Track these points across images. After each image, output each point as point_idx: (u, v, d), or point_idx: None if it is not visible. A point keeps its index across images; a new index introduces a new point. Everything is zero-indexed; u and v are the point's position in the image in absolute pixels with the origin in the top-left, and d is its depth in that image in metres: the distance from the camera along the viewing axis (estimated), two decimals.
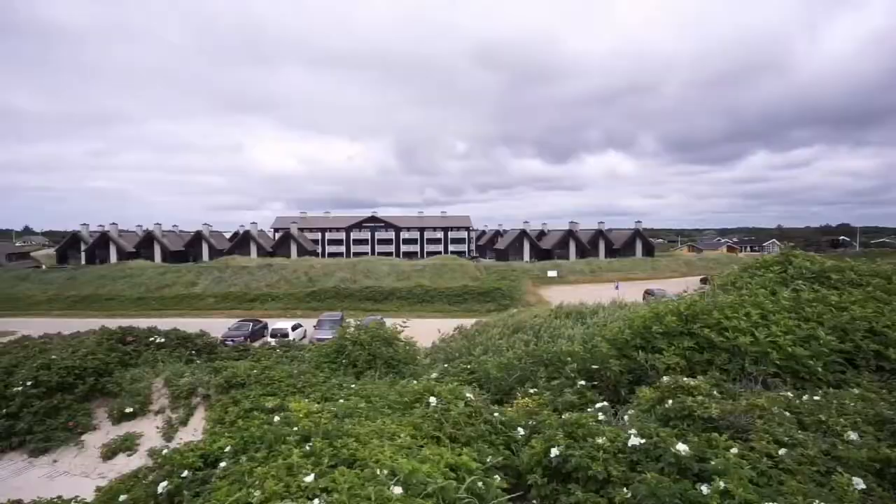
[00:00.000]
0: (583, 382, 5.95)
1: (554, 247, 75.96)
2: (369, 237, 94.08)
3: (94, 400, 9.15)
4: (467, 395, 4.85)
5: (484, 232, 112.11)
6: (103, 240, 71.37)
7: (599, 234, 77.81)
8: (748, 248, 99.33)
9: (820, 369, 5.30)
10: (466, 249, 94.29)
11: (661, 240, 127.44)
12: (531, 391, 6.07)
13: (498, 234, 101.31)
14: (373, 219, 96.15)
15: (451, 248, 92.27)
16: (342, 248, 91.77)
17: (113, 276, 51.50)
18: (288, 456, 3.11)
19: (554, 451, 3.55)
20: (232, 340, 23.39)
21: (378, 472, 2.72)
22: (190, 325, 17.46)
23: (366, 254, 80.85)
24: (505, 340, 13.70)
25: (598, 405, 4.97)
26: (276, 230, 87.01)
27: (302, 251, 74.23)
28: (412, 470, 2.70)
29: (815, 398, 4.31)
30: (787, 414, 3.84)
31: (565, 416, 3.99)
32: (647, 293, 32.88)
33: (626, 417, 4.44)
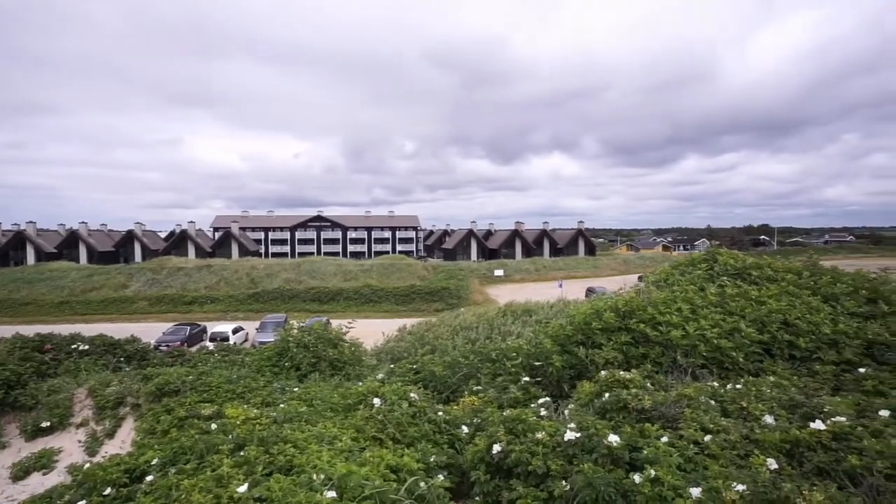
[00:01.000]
0: (526, 379, 6.07)
1: (500, 246, 77.25)
2: (315, 237, 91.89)
3: (3, 415, 8.36)
4: (412, 395, 4.82)
5: (432, 232, 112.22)
6: (18, 240, 65.47)
7: (544, 233, 79.91)
8: (681, 247, 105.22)
9: (742, 359, 5.68)
10: (414, 249, 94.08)
11: (602, 239, 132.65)
12: (476, 389, 6.13)
13: (446, 233, 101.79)
14: (319, 218, 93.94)
15: (398, 247, 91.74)
16: (286, 248, 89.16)
17: (30, 279, 47.35)
18: (219, 466, 2.95)
19: (496, 448, 3.59)
20: (167, 345, 22.13)
21: (314, 477, 2.63)
22: (120, 330, 16.35)
23: (311, 254, 78.87)
24: (451, 339, 13.77)
25: (541, 401, 5.09)
26: (215, 229, 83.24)
27: (244, 251, 71.44)
28: (348, 473, 2.63)
29: (738, 387, 4.60)
30: (713, 402, 4.08)
31: (507, 412, 4.04)
32: (589, 291, 34.08)
33: (566, 412, 4.57)
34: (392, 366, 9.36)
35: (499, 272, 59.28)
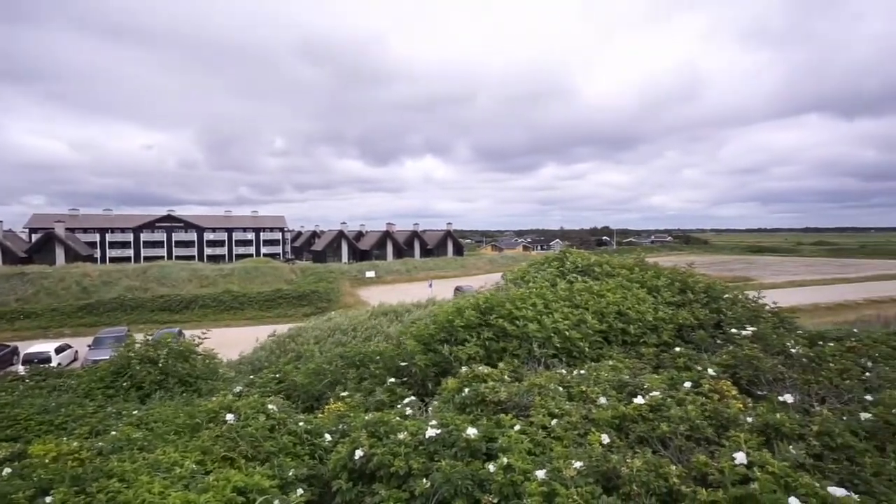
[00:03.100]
0: (392, 380, 6.08)
1: (372, 247, 76.90)
2: (165, 239, 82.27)
3: None
4: (270, 406, 4.53)
5: (300, 233, 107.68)
6: None
7: (415, 235, 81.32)
8: (539, 247, 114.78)
9: (587, 348, 6.33)
10: (281, 251, 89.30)
11: (469, 240, 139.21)
12: (343, 394, 5.98)
13: (315, 235, 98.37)
14: (169, 218, 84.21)
15: (263, 250, 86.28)
16: (130, 252, 78.56)
17: None
18: None
19: (358, 453, 3.52)
20: None
21: None
22: None
23: (161, 258, 70.53)
24: (319, 345, 13.31)
25: (406, 401, 5.13)
26: (32, 230, 70.11)
27: (72, 256, 61.08)
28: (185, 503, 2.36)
29: (582, 372, 5.11)
30: (560, 388, 4.48)
31: (369, 416, 4.00)
32: (457, 289, 35.42)
33: (430, 409, 4.66)
34: (252, 377, 8.75)
35: (370, 273, 58.86)
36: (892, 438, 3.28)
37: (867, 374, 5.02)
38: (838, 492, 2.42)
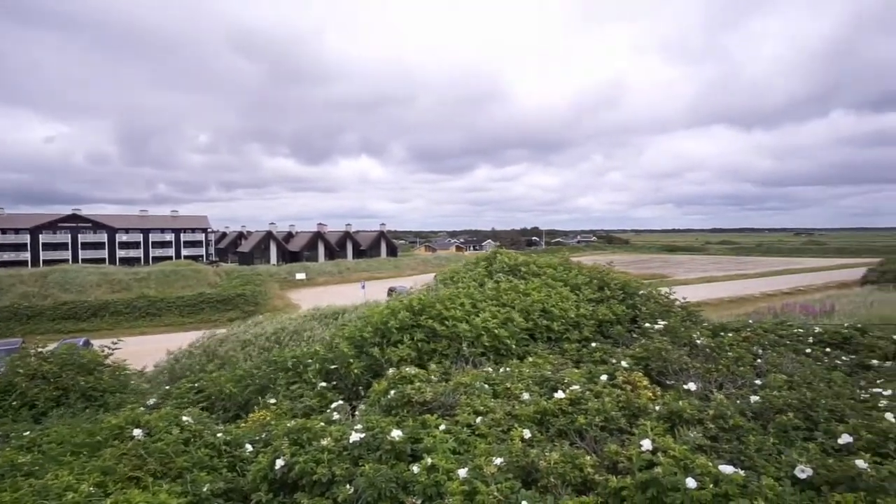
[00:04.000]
0: (324, 384, 5.94)
1: (303, 249, 74.73)
2: (69, 241, 75.13)
3: None
4: (184, 418, 4.27)
5: (225, 234, 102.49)
6: None
7: (347, 235, 79.99)
8: (472, 248, 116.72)
9: (514, 346, 6.50)
10: (204, 253, 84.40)
11: (403, 241, 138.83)
12: (270, 402, 5.76)
13: (241, 235, 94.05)
14: (74, 217, 76.97)
15: (184, 251, 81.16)
16: (26, 255, 71.00)
17: None
18: None
19: (279, 462, 3.40)
20: None
21: None
22: None
23: (65, 261, 64.37)
24: (244, 350, 12.72)
25: (334, 405, 5.03)
26: None
27: None
28: None
29: (507, 370, 5.25)
30: (486, 386, 4.57)
31: (291, 423, 3.88)
32: (391, 290, 35.22)
33: (357, 413, 4.60)
34: (168, 387, 8.20)
35: (301, 275, 57.13)
36: (774, 417, 3.66)
37: (758, 360, 5.57)
38: (728, 469, 2.65)
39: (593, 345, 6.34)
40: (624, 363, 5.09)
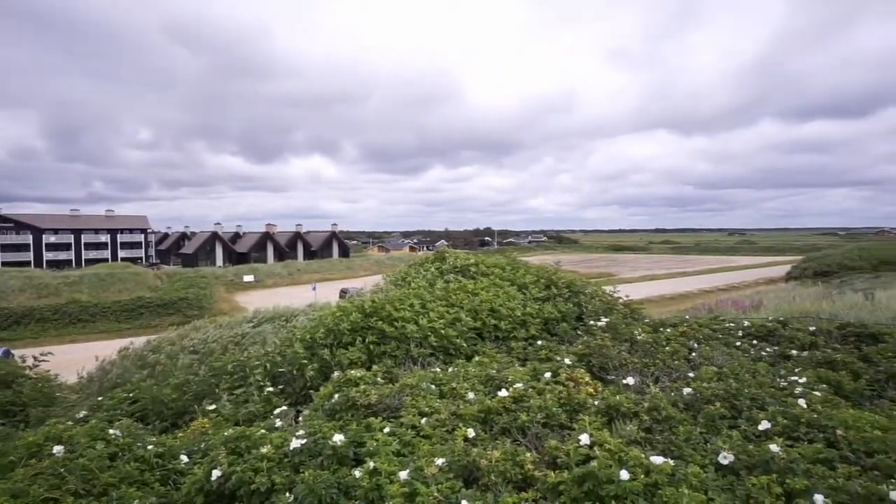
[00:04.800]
0: (270, 389, 5.76)
1: (251, 250, 72.31)
2: None
3: None
4: (111, 431, 4.02)
5: (167, 234, 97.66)
6: None
7: (298, 236, 78.08)
8: (425, 248, 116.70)
9: (464, 345, 6.55)
10: (143, 255, 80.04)
11: (355, 241, 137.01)
12: (210, 408, 5.52)
13: (185, 236, 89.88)
14: None
15: (121, 253, 76.64)
16: None
17: None
18: None
19: (216, 473, 3.27)
20: None
21: None
22: None
23: None
24: (186, 356, 12.15)
25: (277, 411, 4.88)
26: None
27: None
28: None
29: (454, 370, 5.27)
30: (433, 387, 4.57)
31: (229, 431, 3.74)
32: (343, 292, 34.65)
33: (301, 419, 4.48)
34: (100, 398, 7.70)
35: (249, 278, 55.24)
36: (703, 407, 3.87)
37: (692, 353, 5.87)
38: (658, 460, 2.78)
39: (539, 343, 6.48)
40: (567, 360, 5.23)
